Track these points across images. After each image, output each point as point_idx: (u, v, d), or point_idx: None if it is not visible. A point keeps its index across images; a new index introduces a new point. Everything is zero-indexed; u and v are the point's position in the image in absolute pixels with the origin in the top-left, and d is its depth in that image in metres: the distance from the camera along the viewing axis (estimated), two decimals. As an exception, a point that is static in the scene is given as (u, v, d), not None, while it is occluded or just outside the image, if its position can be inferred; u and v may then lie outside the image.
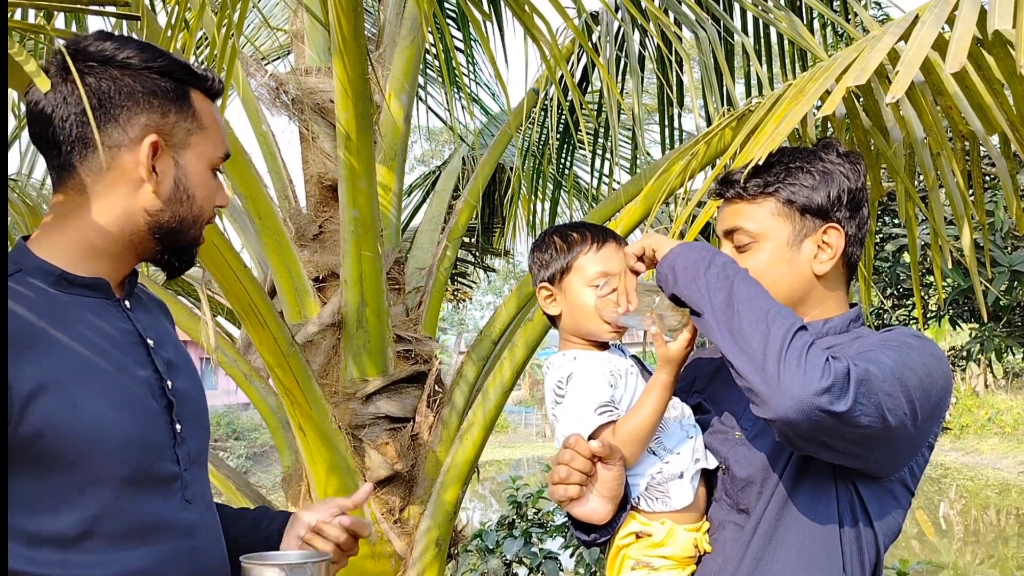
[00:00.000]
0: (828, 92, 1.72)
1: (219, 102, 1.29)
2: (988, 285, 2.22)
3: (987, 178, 4.76)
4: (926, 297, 5.90)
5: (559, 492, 1.33)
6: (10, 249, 1.19)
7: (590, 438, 1.37)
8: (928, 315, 5.78)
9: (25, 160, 3.41)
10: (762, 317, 1.22)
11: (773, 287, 1.41)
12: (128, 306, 1.23)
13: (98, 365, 1.12)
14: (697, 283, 1.28)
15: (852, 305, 1.51)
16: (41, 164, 3.70)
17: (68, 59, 1.14)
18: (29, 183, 2.95)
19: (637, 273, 1.39)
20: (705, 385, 1.57)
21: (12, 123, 3.43)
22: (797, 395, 1.15)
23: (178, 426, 1.20)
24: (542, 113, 3.97)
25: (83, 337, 1.13)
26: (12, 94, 3.34)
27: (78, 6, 1.98)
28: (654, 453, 1.43)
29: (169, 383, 1.21)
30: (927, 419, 1.31)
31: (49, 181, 1.23)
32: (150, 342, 1.21)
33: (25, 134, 3.79)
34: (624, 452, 1.37)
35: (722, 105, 3.21)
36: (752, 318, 1.22)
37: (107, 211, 1.17)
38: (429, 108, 4.85)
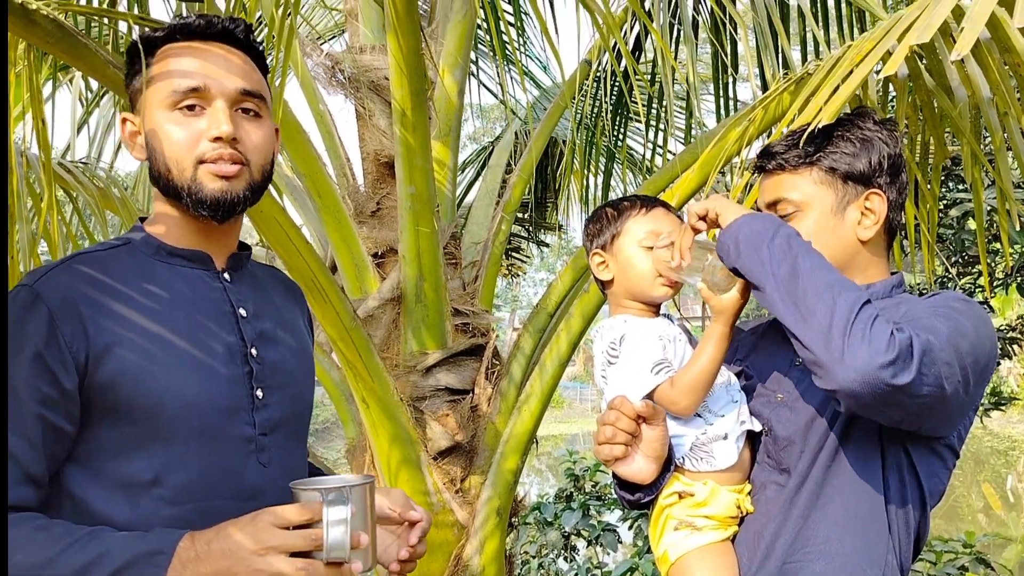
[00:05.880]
0: (889, 53, 1.68)
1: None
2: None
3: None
4: (992, 264, 5.72)
5: (605, 452, 1.36)
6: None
7: (647, 396, 1.39)
8: (995, 283, 5.61)
9: (93, 145, 3.52)
10: (827, 289, 1.21)
11: None
12: (228, 279, 1.31)
13: (177, 327, 1.21)
14: (760, 255, 1.27)
15: (893, 273, 1.51)
16: (108, 147, 3.83)
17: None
18: (99, 166, 3.05)
19: (696, 231, 1.40)
20: (746, 355, 1.58)
21: (80, 110, 3.54)
22: (862, 367, 1.14)
23: (259, 392, 1.26)
24: (594, 85, 3.95)
25: (168, 301, 1.22)
26: (80, 82, 3.45)
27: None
28: (700, 416, 1.44)
29: (254, 351, 1.27)
30: (977, 383, 1.31)
31: (117, 164, 1.31)
32: (242, 312, 1.29)
33: (93, 119, 3.92)
34: (682, 402, 1.39)
35: (778, 70, 3.15)
36: (817, 289, 1.21)
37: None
38: (481, 83, 4.85)
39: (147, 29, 1.29)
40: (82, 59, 1.88)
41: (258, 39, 1.34)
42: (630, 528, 5.43)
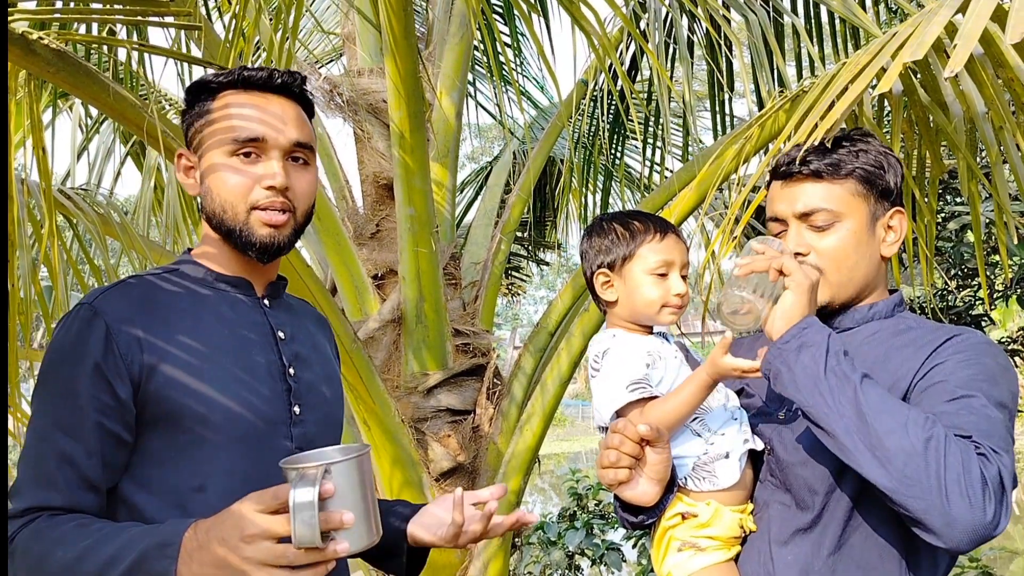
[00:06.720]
0: (884, 69, 1.69)
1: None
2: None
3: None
4: (991, 276, 5.73)
5: (609, 476, 1.35)
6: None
7: (618, 413, 1.39)
8: (995, 295, 5.61)
9: (93, 171, 3.54)
10: (902, 431, 1.17)
11: (854, 269, 1.41)
12: (267, 304, 1.40)
13: (222, 344, 1.30)
14: (819, 388, 1.24)
15: (892, 291, 1.50)
16: (108, 174, 3.84)
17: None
18: (99, 192, 3.06)
19: (765, 270, 1.34)
20: None
21: (79, 137, 3.56)
22: (969, 529, 1.13)
23: (296, 408, 1.34)
24: (591, 104, 3.97)
25: (214, 321, 1.32)
26: (80, 109, 3.47)
27: (139, 18, 2.06)
28: (699, 435, 1.43)
29: (292, 371, 1.36)
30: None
31: (117, 190, 1.34)
32: (280, 334, 1.38)
33: (93, 145, 3.94)
34: None
35: (774, 88, 3.17)
36: (891, 430, 1.18)
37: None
38: (479, 104, 4.88)
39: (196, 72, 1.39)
40: (82, 87, 1.89)
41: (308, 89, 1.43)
42: (634, 547, 5.41)
